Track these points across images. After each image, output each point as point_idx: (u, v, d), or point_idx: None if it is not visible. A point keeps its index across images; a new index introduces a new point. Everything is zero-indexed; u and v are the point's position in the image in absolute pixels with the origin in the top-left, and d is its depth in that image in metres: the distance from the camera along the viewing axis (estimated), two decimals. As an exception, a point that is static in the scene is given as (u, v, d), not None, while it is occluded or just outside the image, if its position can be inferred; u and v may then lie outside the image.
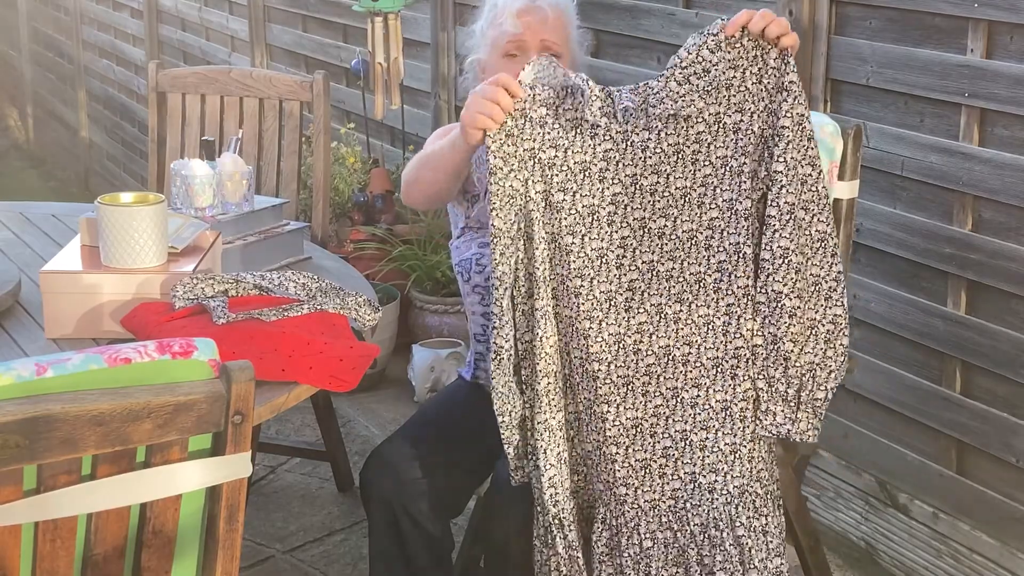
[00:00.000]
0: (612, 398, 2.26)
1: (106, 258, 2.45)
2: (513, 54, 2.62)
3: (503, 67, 2.62)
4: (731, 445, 2.26)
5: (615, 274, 2.26)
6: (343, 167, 4.80)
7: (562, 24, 2.66)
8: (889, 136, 3.06)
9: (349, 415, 4.18)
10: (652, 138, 2.24)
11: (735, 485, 2.27)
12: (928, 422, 3.07)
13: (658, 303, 2.26)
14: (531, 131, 2.24)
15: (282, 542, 3.44)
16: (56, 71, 8.93)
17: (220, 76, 3.63)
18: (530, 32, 2.61)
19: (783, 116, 2.19)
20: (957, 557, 3.03)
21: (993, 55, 2.80)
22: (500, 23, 2.63)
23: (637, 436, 2.27)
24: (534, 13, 2.63)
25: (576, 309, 2.25)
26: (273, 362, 2.20)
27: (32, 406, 1.57)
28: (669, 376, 2.27)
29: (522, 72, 2.25)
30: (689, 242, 2.24)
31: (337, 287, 2.53)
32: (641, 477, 2.28)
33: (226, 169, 2.83)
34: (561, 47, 2.64)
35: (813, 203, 2.21)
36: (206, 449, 1.73)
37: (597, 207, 2.25)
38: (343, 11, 5.29)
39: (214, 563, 1.78)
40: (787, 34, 2.19)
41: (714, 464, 2.26)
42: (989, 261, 2.86)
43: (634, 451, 2.28)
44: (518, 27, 2.61)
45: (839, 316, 2.26)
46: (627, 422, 2.27)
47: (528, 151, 2.24)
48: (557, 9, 2.66)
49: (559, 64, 2.25)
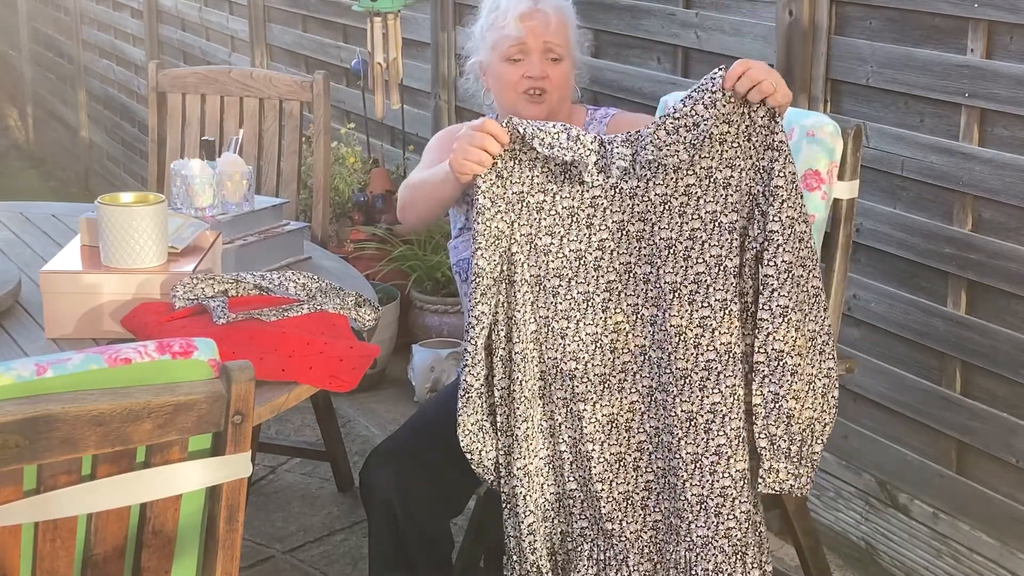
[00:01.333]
0: (589, 396, 2.27)
1: (106, 258, 2.45)
2: (516, 58, 2.63)
3: (505, 71, 2.63)
4: (692, 455, 2.25)
5: (600, 316, 2.26)
6: (343, 167, 4.80)
7: (564, 26, 2.67)
8: (889, 136, 3.06)
9: (349, 415, 4.18)
10: (640, 186, 2.24)
11: (692, 493, 2.26)
12: (928, 422, 3.07)
13: (641, 344, 2.27)
14: (520, 174, 2.25)
15: (282, 542, 3.44)
16: (56, 71, 8.93)
17: (220, 76, 3.63)
18: (532, 36, 2.62)
19: (776, 175, 2.19)
20: (957, 557, 3.03)
21: (993, 55, 2.80)
22: (502, 27, 2.63)
23: (612, 432, 2.28)
24: (536, 17, 2.63)
25: (562, 350, 2.26)
26: (273, 362, 2.20)
27: (32, 406, 1.57)
28: (644, 375, 2.27)
29: (516, 121, 2.24)
30: (672, 293, 2.24)
31: (337, 287, 2.53)
32: (615, 471, 2.29)
33: (226, 169, 2.83)
34: (563, 49, 2.65)
35: (808, 259, 2.23)
36: (206, 449, 1.73)
37: (584, 252, 2.26)
38: (343, 11, 5.29)
39: (214, 563, 1.78)
40: (775, 93, 2.17)
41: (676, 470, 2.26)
42: (989, 261, 2.86)
43: (609, 445, 2.28)
44: (521, 31, 2.61)
45: (831, 369, 2.26)
46: (603, 419, 2.27)
47: (517, 194, 2.25)
48: (559, 12, 2.66)
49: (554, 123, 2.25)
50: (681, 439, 2.23)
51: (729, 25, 3.43)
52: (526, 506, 2.29)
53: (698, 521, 2.24)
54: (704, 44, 3.50)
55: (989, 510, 2.94)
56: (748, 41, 3.37)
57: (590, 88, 3.97)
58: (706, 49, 3.50)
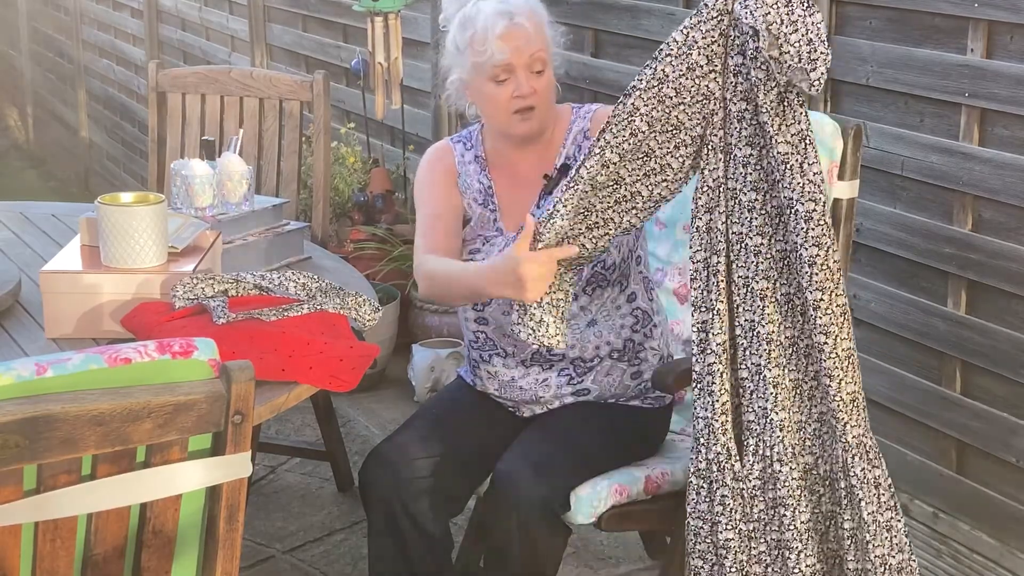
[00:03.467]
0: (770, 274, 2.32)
1: (106, 258, 2.45)
2: (502, 79, 2.59)
3: (493, 92, 2.60)
4: (851, 394, 2.28)
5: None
6: (343, 167, 4.80)
7: (541, 32, 2.62)
8: (889, 136, 3.06)
9: (349, 415, 4.18)
10: (753, 154, 2.26)
11: (852, 435, 2.28)
12: (928, 422, 3.07)
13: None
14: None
15: (282, 542, 3.44)
16: (56, 71, 8.93)
17: (220, 76, 3.63)
18: (516, 55, 2.57)
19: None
20: (957, 557, 3.03)
21: (993, 55, 2.80)
22: (482, 50, 2.57)
23: (792, 356, 2.31)
24: (516, 35, 2.57)
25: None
26: (273, 362, 2.21)
27: (32, 406, 1.57)
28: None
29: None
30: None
31: (337, 287, 2.53)
32: (792, 398, 2.31)
33: (226, 169, 2.83)
34: (545, 55, 2.61)
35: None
36: (206, 449, 1.73)
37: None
38: (343, 11, 5.29)
39: (214, 563, 1.78)
40: None
41: (835, 411, 2.28)
42: (989, 261, 2.86)
43: (788, 371, 2.31)
44: (505, 53, 2.56)
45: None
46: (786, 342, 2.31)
47: None
48: (532, 17, 2.61)
49: None
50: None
51: (729, 25, 3.42)
52: (722, 384, 2.30)
53: (851, 422, 2.28)
54: (704, 44, 3.50)
55: (989, 510, 2.94)
56: (748, 41, 3.37)
57: (590, 88, 3.97)
58: (706, 49, 3.50)
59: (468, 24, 2.61)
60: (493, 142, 2.70)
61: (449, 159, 2.72)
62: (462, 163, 2.71)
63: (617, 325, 2.64)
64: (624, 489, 2.53)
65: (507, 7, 2.58)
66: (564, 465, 2.51)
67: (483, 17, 2.59)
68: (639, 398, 2.68)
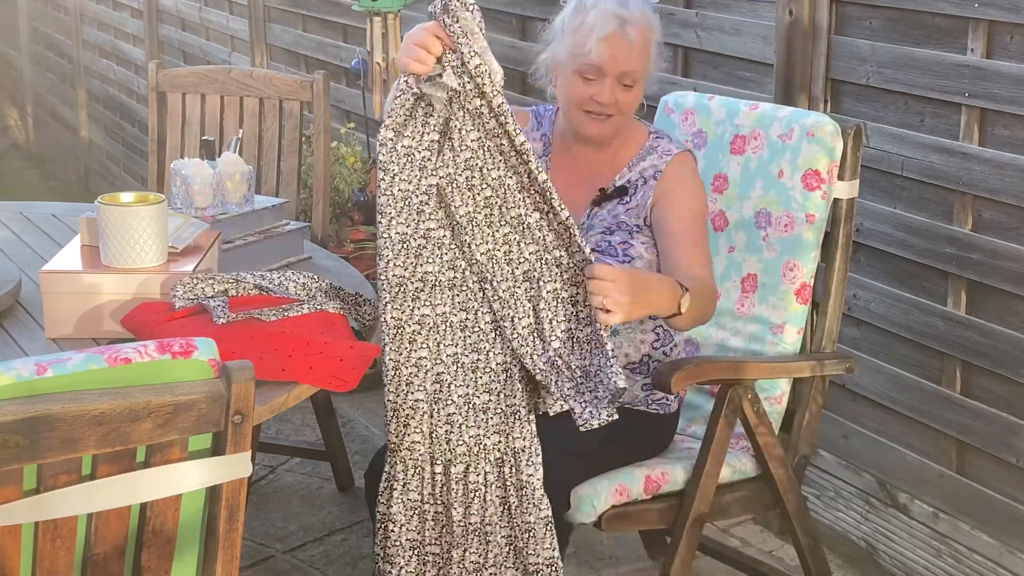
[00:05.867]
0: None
1: (106, 258, 2.45)
2: (590, 77, 2.57)
3: (576, 86, 2.58)
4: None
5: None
6: (343, 167, 4.80)
7: (646, 50, 2.58)
8: (889, 136, 3.06)
9: (349, 415, 4.18)
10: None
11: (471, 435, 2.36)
12: (928, 422, 3.07)
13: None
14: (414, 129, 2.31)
15: (282, 542, 3.44)
16: (56, 71, 8.93)
17: (220, 76, 3.63)
18: (611, 63, 2.54)
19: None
20: (957, 557, 3.03)
21: (993, 55, 2.80)
22: (583, 42, 2.55)
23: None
24: (620, 43, 2.54)
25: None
26: (273, 362, 2.20)
27: (32, 406, 1.57)
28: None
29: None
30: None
31: (337, 287, 2.53)
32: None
33: (226, 169, 2.83)
34: (639, 75, 2.58)
35: None
36: (206, 449, 1.73)
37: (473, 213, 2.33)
38: (343, 11, 5.29)
39: (214, 563, 1.78)
40: (609, 313, 2.25)
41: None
42: (989, 261, 2.86)
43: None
44: (601, 56, 2.53)
45: None
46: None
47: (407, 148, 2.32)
48: (643, 33, 2.57)
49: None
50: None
51: (729, 25, 3.43)
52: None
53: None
54: (704, 44, 3.50)
55: (989, 510, 2.94)
56: (748, 41, 3.37)
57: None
58: (706, 49, 3.50)
59: (582, 11, 2.58)
60: (563, 129, 2.69)
61: (521, 121, 2.72)
62: (527, 133, 2.70)
63: (638, 339, 2.64)
64: (624, 489, 2.53)
65: (624, 12, 2.55)
66: (565, 464, 2.50)
67: (597, 12, 2.56)
68: (645, 404, 2.68)
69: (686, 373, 2.48)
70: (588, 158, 2.67)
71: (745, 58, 3.40)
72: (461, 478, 2.38)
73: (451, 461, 2.38)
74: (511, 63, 4.17)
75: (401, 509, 2.39)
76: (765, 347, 2.79)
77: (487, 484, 2.38)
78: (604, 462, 2.57)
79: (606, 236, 2.61)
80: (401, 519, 2.39)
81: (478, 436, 2.37)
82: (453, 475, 2.38)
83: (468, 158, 2.29)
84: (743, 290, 2.83)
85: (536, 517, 2.36)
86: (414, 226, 2.32)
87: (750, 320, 2.81)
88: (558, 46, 2.62)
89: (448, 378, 2.36)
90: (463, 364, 2.36)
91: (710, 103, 2.95)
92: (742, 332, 2.82)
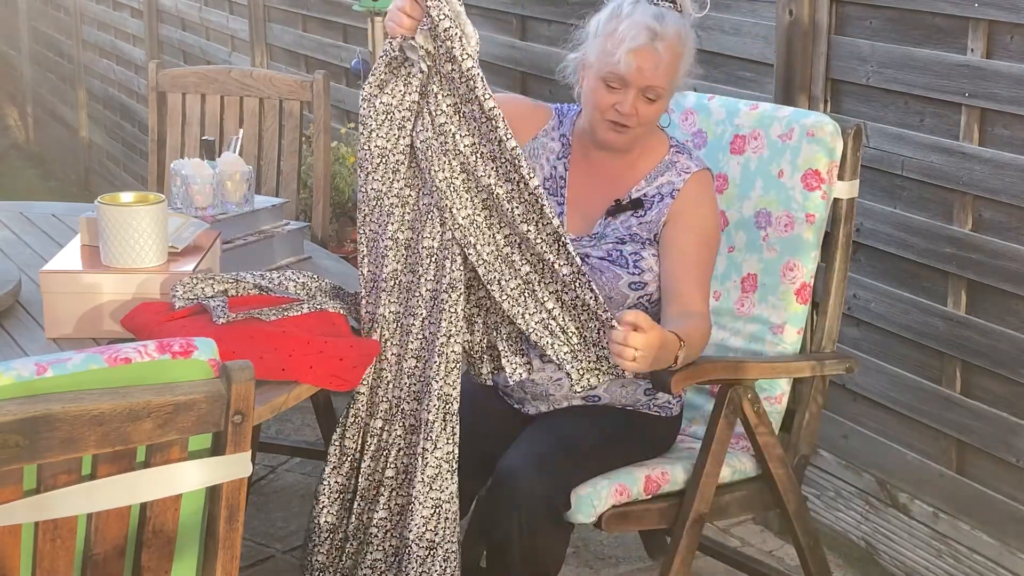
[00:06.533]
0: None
1: (106, 258, 2.45)
2: (613, 86, 2.55)
3: (599, 91, 2.56)
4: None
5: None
6: (343, 167, 4.80)
7: (675, 65, 2.56)
8: (889, 136, 3.06)
9: (349, 415, 4.18)
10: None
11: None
12: (928, 422, 3.07)
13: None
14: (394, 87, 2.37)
15: (282, 542, 3.44)
16: (56, 71, 8.93)
17: (220, 76, 3.63)
18: (638, 75, 2.52)
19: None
20: (957, 557, 3.03)
21: (993, 55, 2.80)
22: (613, 51, 2.52)
23: None
24: (649, 57, 2.51)
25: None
26: (273, 362, 2.20)
27: (32, 406, 1.57)
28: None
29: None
30: None
31: (337, 287, 2.53)
32: None
33: (226, 169, 2.83)
34: (662, 90, 2.55)
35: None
36: (206, 449, 1.73)
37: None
38: (343, 11, 5.29)
39: (214, 563, 1.78)
40: (631, 364, 2.29)
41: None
42: (989, 261, 2.86)
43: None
44: (629, 67, 2.51)
45: None
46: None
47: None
48: (674, 47, 2.54)
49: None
50: None
51: (729, 25, 3.43)
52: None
53: None
54: (704, 44, 3.50)
55: (989, 510, 2.94)
56: (748, 41, 3.37)
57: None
58: (706, 49, 3.50)
59: (616, 17, 2.56)
60: (583, 131, 2.67)
61: (542, 116, 2.72)
62: (547, 131, 2.70)
63: None
64: (624, 489, 2.53)
65: (657, 26, 2.52)
66: (566, 463, 2.51)
67: (631, 22, 2.53)
68: (648, 407, 2.68)
69: (686, 373, 2.47)
70: (606, 165, 2.65)
71: (745, 58, 3.40)
72: (377, 433, 2.48)
73: (374, 414, 2.48)
74: (511, 63, 4.17)
75: (336, 451, 2.50)
76: (765, 347, 2.79)
77: (393, 446, 2.48)
78: (603, 462, 2.57)
79: (618, 246, 2.60)
80: (334, 460, 2.51)
81: (398, 398, 2.47)
82: (371, 428, 2.49)
83: (443, 123, 2.33)
84: (743, 290, 2.83)
85: (421, 492, 2.42)
86: (388, 184, 2.41)
87: (750, 320, 2.81)
88: (589, 47, 2.60)
89: (386, 334, 2.45)
90: (401, 324, 2.45)
91: (710, 103, 2.95)
92: (742, 332, 2.82)
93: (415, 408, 2.46)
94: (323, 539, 2.51)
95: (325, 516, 2.51)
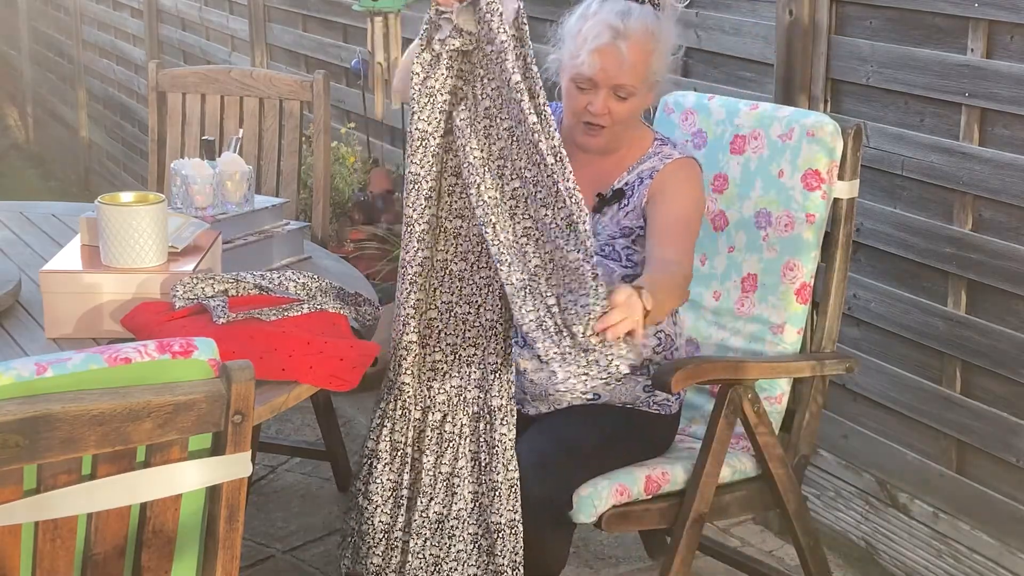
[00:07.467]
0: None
1: (106, 258, 2.45)
2: (583, 87, 2.56)
3: (571, 94, 2.56)
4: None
5: None
6: (343, 167, 4.80)
7: (641, 64, 2.54)
8: (889, 136, 3.06)
9: (349, 415, 4.18)
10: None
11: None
12: (928, 422, 3.07)
13: None
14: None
15: (282, 542, 3.44)
16: (56, 71, 8.93)
17: (220, 76, 3.63)
18: (603, 75, 2.52)
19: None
20: (957, 557, 3.03)
21: (993, 55, 2.80)
22: (578, 52, 2.53)
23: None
24: (611, 56, 2.51)
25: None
26: (273, 362, 2.20)
27: (32, 406, 1.57)
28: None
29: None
30: None
31: (337, 287, 2.53)
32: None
33: (226, 169, 2.83)
34: (634, 87, 2.55)
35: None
36: (206, 449, 1.73)
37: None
38: (343, 11, 5.29)
39: (214, 563, 1.78)
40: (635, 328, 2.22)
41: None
42: (989, 261, 2.86)
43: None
44: (593, 68, 2.52)
45: None
46: None
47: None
48: (639, 48, 2.53)
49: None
50: None
51: (729, 25, 3.43)
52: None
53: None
54: (704, 44, 3.50)
55: (989, 510, 2.94)
56: (748, 41, 3.37)
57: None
58: (706, 49, 3.50)
59: (584, 17, 2.56)
60: (567, 129, 2.67)
61: None
62: None
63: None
64: (624, 489, 2.53)
65: (620, 24, 2.51)
66: (568, 464, 2.51)
67: (595, 21, 2.53)
68: (647, 405, 2.68)
69: (686, 373, 2.48)
70: (593, 164, 2.66)
71: (745, 58, 3.40)
72: (437, 426, 2.43)
73: (430, 408, 2.43)
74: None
75: (387, 447, 2.44)
76: (765, 347, 2.79)
77: (461, 436, 2.42)
78: (605, 462, 2.57)
79: (610, 241, 2.61)
80: (386, 457, 2.45)
81: (459, 387, 2.43)
82: (430, 422, 2.43)
83: (487, 106, 2.29)
84: (743, 290, 2.83)
85: (504, 477, 2.39)
86: (427, 168, 2.37)
87: (750, 320, 2.81)
88: (563, 49, 2.61)
89: (440, 325, 2.43)
90: (455, 314, 2.42)
91: (710, 103, 2.95)
92: (742, 332, 2.82)
93: (477, 396, 2.43)
94: (378, 540, 2.44)
95: (380, 516, 2.44)
